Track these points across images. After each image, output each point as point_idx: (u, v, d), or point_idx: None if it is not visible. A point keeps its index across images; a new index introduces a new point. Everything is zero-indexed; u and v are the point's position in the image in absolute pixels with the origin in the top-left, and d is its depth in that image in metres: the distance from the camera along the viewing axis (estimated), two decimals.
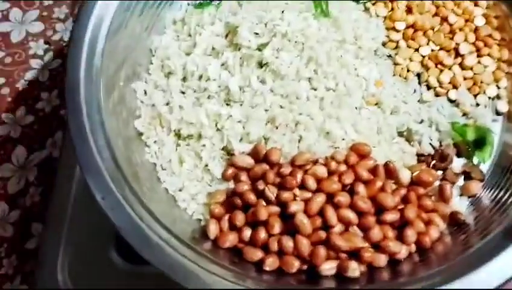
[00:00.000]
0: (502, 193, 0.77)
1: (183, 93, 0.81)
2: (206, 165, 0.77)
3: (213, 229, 0.72)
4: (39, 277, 0.82)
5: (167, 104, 0.81)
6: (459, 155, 0.81)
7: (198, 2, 0.88)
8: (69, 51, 0.78)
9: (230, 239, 0.71)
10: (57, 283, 0.81)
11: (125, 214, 0.68)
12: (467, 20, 0.87)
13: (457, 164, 0.81)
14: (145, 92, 0.82)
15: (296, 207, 0.70)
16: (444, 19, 0.86)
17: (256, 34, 0.80)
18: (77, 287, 0.82)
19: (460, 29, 0.86)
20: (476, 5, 0.88)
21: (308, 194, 0.71)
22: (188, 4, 0.90)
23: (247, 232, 0.71)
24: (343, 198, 0.70)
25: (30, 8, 1.03)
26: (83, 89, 0.75)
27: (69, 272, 0.82)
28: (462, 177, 0.80)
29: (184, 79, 0.82)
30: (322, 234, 0.69)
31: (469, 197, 0.79)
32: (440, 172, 0.80)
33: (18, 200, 0.93)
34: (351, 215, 0.70)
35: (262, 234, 0.70)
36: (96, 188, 0.69)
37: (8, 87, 1.01)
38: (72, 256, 0.83)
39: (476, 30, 0.86)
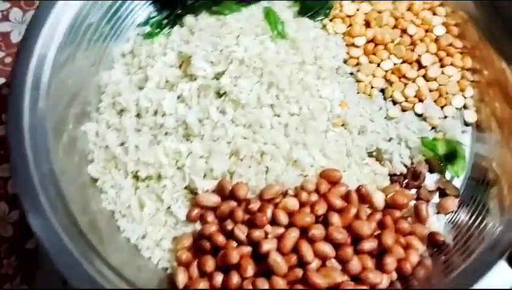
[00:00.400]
0: (480, 207, 0.75)
1: (138, 131, 0.76)
2: (169, 208, 0.72)
3: (181, 278, 0.67)
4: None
5: (122, 144, 0.75)
6: (431, 171, 0.79)
7: (147, 31, 0.83)
8: (10, 95, 0.72)
9: (201, 287, 0.66)
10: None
11: (83, 272, 0.62)
12: (427, 31, 0.85)
13: (431, 180, 0.78)
14: (97, 134, 0.77)
15: (268, 246, 0.65)
16: (404, 31, 0.84)
17: (212, 62, 0.75)
18: None
19: (421, 40, 0.84)
20: (434, 14, 0.86)
21: (281, 230, 0.67)
22: (138, 34, 0.85)
23: (218, 278, 0.66)
24: (317, 231, 0.67)
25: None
26: (28, 136, 0.69)
27: None
28: (437, 194, 0.77)
29: (138, 116, 0.77)
30: (299, 272, 0.65)
31: (446, 214, 0.76)
32: (414, 191, 0.77)
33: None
34: (327, 248, 0.66)
35: (235, 279, 0.65)
36: (49, 247, 0.63)
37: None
38: None
39: (436, 40, 0.84)
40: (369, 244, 0.68)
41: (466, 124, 0.82)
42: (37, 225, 0.64)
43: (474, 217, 0.74)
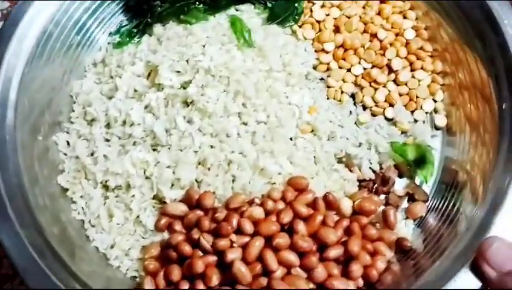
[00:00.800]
0: (448, 209, 0.75)
1: (107, 141, 0.77)
2: (138, 217, 0.72)
3: (148, 287, 0.67)
4: None
5: (92, 154, 0.76)
6: (400, 176, 0.79)
7: (117, 41, 0.83)
8: None
9: None
10: None
11: (50, 284, 0.63)
12: (397, 35, 0.84)
13: (400, 185, 0.78)
14: (68, 144, 0.77)
15: (233, 256, 0.66)
16: (374, 35, 0.84)
17: (178, 72, 0.75)
18: None
19: (391, 45, 0.83)
20: (405, 17, 0.85)
21: (246, 239, 0.68)
22: (109, 43, 0.85)
23: (184, 287, 0.67)
24: (282, 240, 0.67)
25: None
26: None
27: None
28: (406, 199, 0.77)
29: (108, 126, 0.77)
30: (263, 281, 0.66)
31: (415, 219, 0.76)
32: (383, 196, 0.77)
33: None
34: (292, 257, 0.67)
35: (200, 288, 0.66)
36: (17, 259, 0.64)
37: None
38: None
39: (407, 44, 0.84)
40: (334, 252, 0.68)
41: (436, 128, 0.82)
42: (4, 237, 0.65)
43: (443, 220, 0.74)
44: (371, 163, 0.78)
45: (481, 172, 0.73)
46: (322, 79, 0.83)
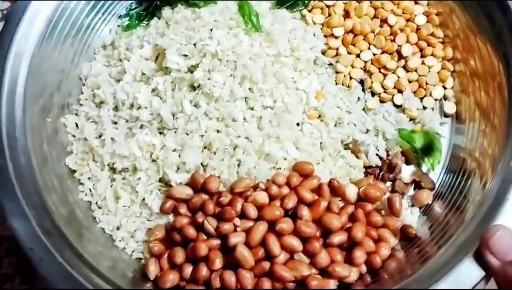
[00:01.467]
0: (455, 197, 0.74)
1: (115, 124, 0.77)
2: (144, 200, 0.73)
3: (152, 270, 0.68)
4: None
5: (100, 136, 0.76)
6: (407, 163, 0.78)
7: (126, 24, 0.83)
8: None
9: (171, 279, 0.67)
10: None
11: (56, 264, 0.64)
12: (407, 20, 0.83)
13: (407, 172, 0.78)
14: (77, 125, 0.78)
15: (236, 239, 0.66)
16: (384, 21, 0.83)
17: (186, 55, 0.75)
18: None
19: (402, 30, 0.82)
20: (416, 2, 0.84)
21: (249, 223, 0.68)
22: (118, 26, 0.85)
23: (188, 270, 0.68)
24: (285, 225, 0.67)
25: None
26: (5, 130, 0.71)
27: None
28: (413, 186, 0.77)
29: (116, 108, 0.78)
30: (266, 265, 0.66)
31: (420, 207, 0.76)
32: (389, 183, 0.77)
33: None
34: (294, 242, 0.67)
35: (203, 271, 0.66)
36: (23, 237, 0.65)
37: None
38: None
39: (417, 30, 0.83)
40: (338, 238, 0.68)
41: (445, 115, 0.81)
42: (12, 216, 0.66)
43: (449, 208, 0.74)
44: (377, 150, 0.78)
45: (490, 160, 0.72)
46: (330, 64, 0.83)
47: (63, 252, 0.65)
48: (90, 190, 0.75)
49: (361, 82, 0.82)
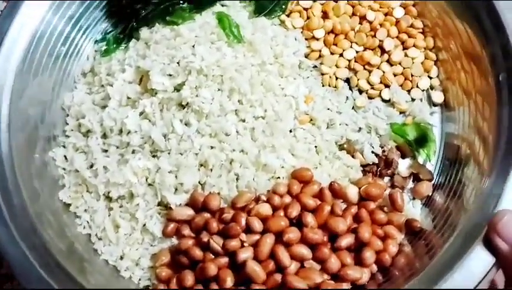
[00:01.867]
0: (455, 186, 0.75)
1: (105, 151, 0.75)
2: (144, 225, 0.72)
3: None
4: None
5: (91, 166, 0.75)
6: (403, 157, 0.78)
7: (104, 48, 0.81)
8: None
9: None
10: None
11: None
12: (386, 14, 0.83)
13: (404, 166, 0.78)
14: (66, 158, 0.76)
15: (244, 255, 0.65)
16: (363, 18, 0.83)
17: (170, 75, 0.74)
18: None
19: (381, 25, 0.82)
20: None
21: (256, 237, 0.67)
22: (96, 51, 0.83)
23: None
24: (292, 234, 0.66)
25: None
26: None
27: None
28: (411, 179, 0.77)
29: (104, 136, 0.76)
30: (278, 277, 0.66)
31: (421, 199, 0.76)
32: (388, 179, 0.77)
33: None
34: (304, 250, 0.66)
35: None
36: (26, 281, 0.63)
37: None
38: None
39: (397, 23, 0.83)
40: (346, 241, 0.68)
41: (434, 104, 0.81)
42: (12, 259, 0.64)
43: (450, 197, 0.74)
44: (372, 147, 0.77)
45: (484, 144, 0.72)
46: (315, 67, 0.82)
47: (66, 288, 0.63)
48: (88, 222, 0.73)
49: (348, 81, 0.82)
